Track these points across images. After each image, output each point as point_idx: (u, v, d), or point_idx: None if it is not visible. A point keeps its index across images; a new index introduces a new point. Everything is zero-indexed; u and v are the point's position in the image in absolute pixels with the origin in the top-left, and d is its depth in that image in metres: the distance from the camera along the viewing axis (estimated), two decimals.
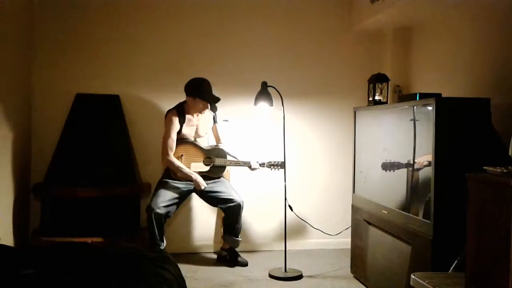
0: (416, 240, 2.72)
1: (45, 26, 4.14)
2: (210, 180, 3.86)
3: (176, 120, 3.76)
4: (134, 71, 4.26)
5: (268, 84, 3.87)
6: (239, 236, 3.96)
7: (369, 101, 3.60)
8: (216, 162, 3.86)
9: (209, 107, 3.83)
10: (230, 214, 3.89)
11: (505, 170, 1.90)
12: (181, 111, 3.80)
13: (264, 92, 3.86)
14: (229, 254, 4.01)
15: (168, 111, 3.84)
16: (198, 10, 4.34)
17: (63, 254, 2.43)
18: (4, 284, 1.98)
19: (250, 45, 4.40)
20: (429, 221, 2.59)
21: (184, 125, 3.79)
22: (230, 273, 3.80)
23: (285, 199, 3.86)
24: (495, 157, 2.25)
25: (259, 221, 4.44)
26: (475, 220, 2.03)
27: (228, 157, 3.94)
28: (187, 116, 3.81)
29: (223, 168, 3.92)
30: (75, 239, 3.66)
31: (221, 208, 3.92)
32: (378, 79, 3.54)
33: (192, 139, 3.86)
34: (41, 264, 2.24)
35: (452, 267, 2.43)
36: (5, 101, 3.61)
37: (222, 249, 4.09)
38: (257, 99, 3.89)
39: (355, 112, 3.70)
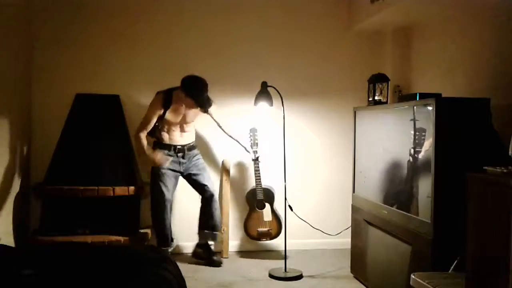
0: (416, 240, 2.72)
1: (45, 27, 4.14)
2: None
3: (159, 105, 3.77)
4: (134, 71, 4.26)
5: (268, 84, 3.87)
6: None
7: (369, 101, 3.60)
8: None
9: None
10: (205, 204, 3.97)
11: (505, 170, 1.90)
12: (169, 97, 3.78)
13: (264, 92, 3.86)
14: (204, 251, 4.02)
15: (157, 93, 3.85)
16: (198, 10, 4.33)
17: (63, 254, 2.44)
18: (4, 284, 1.98)
19: (250, 45, 4.40)
20: (429, 221, 2.59)
21: (168, 111, 3.78)
22: (230, 273, 3.80)
23: (285, 199, 3.86)
24: (495, 157, 2.24)
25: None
26: (475, 220, 2.03)
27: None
28: (174, 104, 3.78)
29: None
30: (75, 239, 3.67)
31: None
32: (378, 79, 3.54)
33: (178, 125, 3.87)
34: (41, 264, 2.25)
35: (452, 267, 2.43)
36: (5, 101, 3.62)
37: (197, 245, 4.08)
38: (257, 99, 3.89)
39: (355, 112, 3.70)
